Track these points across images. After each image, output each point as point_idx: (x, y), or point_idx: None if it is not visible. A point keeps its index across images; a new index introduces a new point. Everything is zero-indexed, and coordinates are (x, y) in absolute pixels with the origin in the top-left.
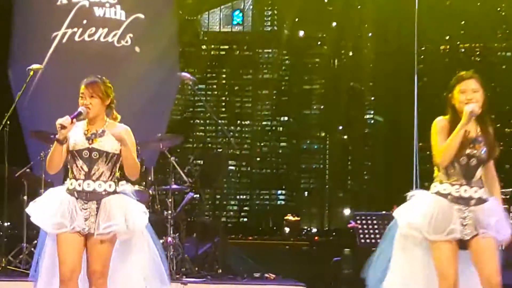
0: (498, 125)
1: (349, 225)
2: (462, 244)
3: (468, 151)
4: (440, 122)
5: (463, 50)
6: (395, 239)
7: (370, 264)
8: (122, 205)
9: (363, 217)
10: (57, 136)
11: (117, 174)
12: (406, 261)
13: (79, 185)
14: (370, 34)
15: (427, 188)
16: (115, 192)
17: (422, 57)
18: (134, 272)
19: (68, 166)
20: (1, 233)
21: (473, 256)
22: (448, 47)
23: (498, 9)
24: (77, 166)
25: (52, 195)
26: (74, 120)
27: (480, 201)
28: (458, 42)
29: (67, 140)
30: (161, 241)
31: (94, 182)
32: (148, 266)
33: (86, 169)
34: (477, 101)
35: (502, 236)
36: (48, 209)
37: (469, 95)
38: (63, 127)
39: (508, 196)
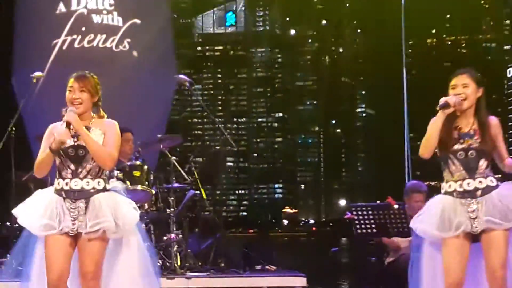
0: None
1: (346, 217)
2: (475, 238)
3: (463, 145)
4: (433, 118)
5: (449, 42)
6: (423, 247)
7: (409, 276)
8: (111, 202)
9: (358, 208)
10: (52, 146)
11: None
12: (436, 267)
13: (66, 184)
14: (358, 31)
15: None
16: (104, 189)
17: (410, 51)
18: (123, 271)
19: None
20: (9, 235)
21: (483, 249)
22: (434, 40)
23: (482, 1)
24: (63, 165)
25: (39, 196)
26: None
27: (488, 189)
28: (444, 35)
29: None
30: (165, 237)
31: (81, 180)
32: (137, 266)
33: (73, 167)
34: (466, 96)
35: (503, 226)
36: (36, 211)
37: (458, 90)
38: (63, 143)
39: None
